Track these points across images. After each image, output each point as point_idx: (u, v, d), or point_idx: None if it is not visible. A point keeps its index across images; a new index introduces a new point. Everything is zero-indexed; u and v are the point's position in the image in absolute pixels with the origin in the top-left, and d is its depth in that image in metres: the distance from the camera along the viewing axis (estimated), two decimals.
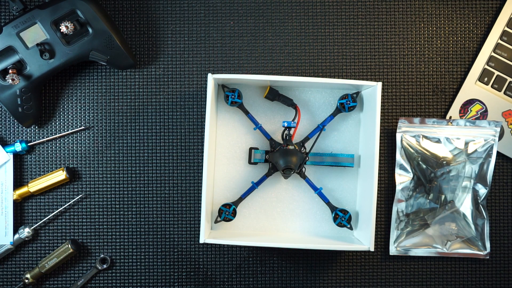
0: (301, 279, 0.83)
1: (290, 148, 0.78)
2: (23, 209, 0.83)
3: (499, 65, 0.83)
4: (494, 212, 0.84)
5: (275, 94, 0.80)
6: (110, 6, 0.84)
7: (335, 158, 0.81)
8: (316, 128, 0.81)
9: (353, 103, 0.79)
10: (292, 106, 0.81)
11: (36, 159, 0.83)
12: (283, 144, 0.79)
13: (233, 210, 0.80)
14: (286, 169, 0.77)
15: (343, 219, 0.80)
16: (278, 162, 0.78)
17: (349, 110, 0.80)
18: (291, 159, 0.77)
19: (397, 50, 0.84)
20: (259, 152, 0.81)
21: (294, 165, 0.77)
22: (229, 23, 0.84)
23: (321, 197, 0.81)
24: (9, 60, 0.77)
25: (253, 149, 0.81)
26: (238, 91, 0.79)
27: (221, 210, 0.80)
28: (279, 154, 0.78)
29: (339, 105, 0.80)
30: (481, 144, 0.82)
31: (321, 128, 0.80)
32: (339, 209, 0.80)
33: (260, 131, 0.81)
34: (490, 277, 0.84)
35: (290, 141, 0.79)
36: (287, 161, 0.77)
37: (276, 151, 0.79)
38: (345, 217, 0.80)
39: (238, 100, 0.79)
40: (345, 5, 0.84)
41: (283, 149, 0.78)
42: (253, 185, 0.81)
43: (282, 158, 0.77)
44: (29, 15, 0.76)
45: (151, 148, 0.83)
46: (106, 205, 0.83)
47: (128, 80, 0.84)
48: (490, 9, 0.85)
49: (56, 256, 0.81)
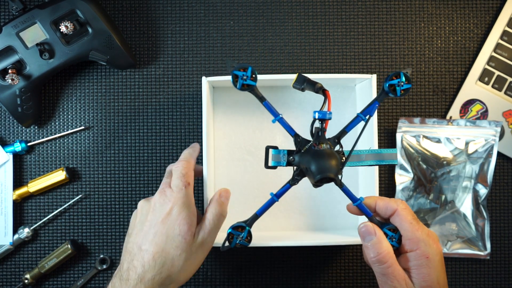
0: (301, 278, 0.83)
1: (325, 149, 0.59)
2: (23, 209, 0.83)
3: (499, 65, 0.83)
4: (494, 212, 0.84)
5: (304, 80, 0.62)
6: (110, 6, 0.84)
7: (378, 156, 0.63)
8: (356, 119, 0.63)
9: (407, 84, 0.61)
10: (320, 91, 0.61)
11: (35, 159, 0.83)
12: (314, 142, 0.60)
13: (248, 232, 0.62)
14: (324, 179, 0.57)
15: (392, 239, 0.62)
16: (309, 169, 0.58)
17: (401, 94, 0.61)
18: (329, 164, 0.58)
19: (397, 50, 0.84)
20: (279, 152, 0.62)
21: (335, 173, 0.58)
22: (229, 23, 0.84)
23: (363, 210, 0.63)
24: (9, 60, 0.77)
25: (271, 148, 0.62)
26: (252, 69, 0.60)
27: (231, 235, 0.62)
28: (311, 157, 0.59)
29: (387, 87, 0.61)
30: (481, 144, 0.82)
31: (366, 119, 0.62)
32: (387, 226, 0.62)
33: (281, 124, 0.63)
34: (490, 277, 0.83)
35: (324, 138, 0.60)
36: (324, 167, 0.57)
37: (305, 152, 0.60)
38: (395, 236, 0.62)
39: (251, 83, 0.60)
40: (345, 4, 0.84)
41: (316, 149, 0.59)
42: (272, 198, 0.63)
43: (315, 162, 0.58)
44: (28, 15, 0.76)
45: (150, 148, 0.83)
46: (106, 205, 0.83)
47: (128, 80, 0.83)
48: (491, 9, 0.84)
49: (55, 257, 0.81)
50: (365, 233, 0.61)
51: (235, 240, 0.62)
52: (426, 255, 0.60)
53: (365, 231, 0.61)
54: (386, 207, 0.62)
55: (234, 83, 0.60)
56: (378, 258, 0.60)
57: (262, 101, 0.62)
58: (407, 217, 0.61)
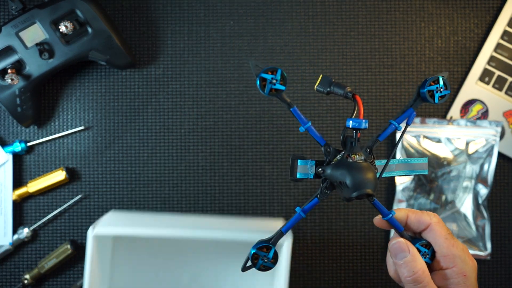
0: (302, 278, 0.83)
1: (361, 161, 0.53)
2: (22, 209, 0.83)
3: (500, 65, 0.83)
4: (495, 213, 0.84)
5: (330, 83, 0.56)
6: (109, 6, 0.83)
7: (408, 166, 0.58)
8: (389, 127, 0.56)
9: (446, 90, 0.55)
10: (349, 96, 0.55)
11: (35, 159, 0.83)
12: (346, 154, 0.54)
13: (274, 253, 0.55)
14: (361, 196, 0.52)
15: (426, 256, 0.57)
16: (344, 183, 0.52)
17: (440, 101, 0.55)
18: (367, 179, 0.52)
19: (397, 50, 0.84)
20: (307, 163, 0.55)
21: (373, 188, 0.52)
22: (229, 23, 0.84)
23: (393, 224, 0.57)
24: (8, 60, 0.77)
25: (298, 158, 0.56)
26: (281, 71, 0.52)
27: (255, 256, 0.55)
28: (346, 170, 0.53)
29: (425, 93, 0.55)
30: (482, 144, 0.82)
31: (402, 129, 0.56)
32: (420, 242, 0.57)
33: (310, 132, 0.56)
34: (491, 277, 0.83)
35: (358, 148, 0.54)
36: (362, 182, 0.52)
37: (338, 163, 0.54)
38: (428, 252, 0.57)
39: (281, 87, 0.52)
40: (345, 5, 0.84)
41: (351, 162, 0.53)
42: (299, 213, 0.55)
43: (351, 176, 0.52)
44: (28, 14, 0.76)
45: (150, 148, 0.83)
46: (106, 205, 0.83)
47: (128, 80, 0.83)
48: (491, 8, 0.84)
49: (55, 257, 0.81)
50: (397, 250, 0.57)
51: (260, 261, 0.54)
52: (464, 273, 0.56)
53: (397, 247, 0.57)
54: (418, 221, 0.58)
55: (261, 87, 0.52)
56: (414, 278, 0.56)
57: (289, 107, 0.55)
58: (441, 232, 0.57)
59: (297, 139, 0.83)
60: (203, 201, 0.83)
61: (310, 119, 0.83)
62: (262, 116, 0.83)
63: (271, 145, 0.83)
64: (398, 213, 0.58)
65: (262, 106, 0.83)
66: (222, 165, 0.83)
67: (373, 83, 0.84)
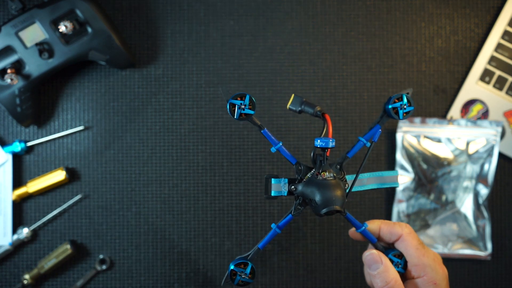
0: (302, 278, 0.83)
1: (329, 179, 0.56)
2: (22, 209, 0.83)
3: (500, 64, 0.83)
4: (495, 213, 0.83)
5: (301, 102, 0.60)
6: (109, 6, 0.83)
7: (380, 179, 0.61)
8: (357, 144, 0.59)
9: (410, 107, 0.58)
10: (319, 115, 0.59)
11: (35, 159, 0.83)
12: (316, 171, 0.57)
13: (251, 269, 0.58)
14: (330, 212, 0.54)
15: (398, 265, 0.60)
16: (314, 200, 0.55)
17: (404, 117, 0.58)
18: (335, 196, 0.55)
19: (397, 50, 0.84)
20: (280, 181, 0.59)
21: (341, 204, 0.55)
22: (229, 23, 0.84)
23: (367, 236, 0.60)
24: (8, 60, 0.76)
25: (271, 177, 0.59)
26: (250, 97, 0.57)
27: (233, 272, 0.58)
28: (315, 188, 0.56)
29: (390, 110, 0.58)
30: (482, 144, 0.81)
31: (370, 145, 0.59)
32: (392, 252, 0.60)
33: (281, 152, 0.59)
34: (491, 278, 0.83)
35: (327, 166, 0.57)
36: (330, 199, 0.54)
37: (308, 181, 0.57)
38: (401, 262, 0.60)
39: (249, 111, 0.57)
40: (345, 5, 0.84)
41: (320, 180, 0.56)
42: (275, 230, 0.59)
43: (320, 194, 0.55)
44: (28, 14, 0.76)
45: (150, 148, 0.83)
46: (106, 205, 0.83)
47: (128, 80, 0.83)
48: (491, 8, 0.84)
49: (55, 257, 0.81)
50: (371, 262, 0.59)
51: (238, 277, 0.58)
52: (434, 281, 0.59)
53: (370, 259, 0.60)
54: (390, 233, 0.61)
55: (231, 112, 0.57)
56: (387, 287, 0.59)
57: (260, 129, 0.59)
58: (412, 243, 0.60)
59: (297, 138, 0.83)
60: (203, 201, 0.83)
61: (312, 119, 0.83)
62: (262, 116, 0.83)
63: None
64: (371, 225, 0.61)
65: (262, 106, 0.83)
66: (222, 165, 0.83)
67: (373, 83, 0.84)
